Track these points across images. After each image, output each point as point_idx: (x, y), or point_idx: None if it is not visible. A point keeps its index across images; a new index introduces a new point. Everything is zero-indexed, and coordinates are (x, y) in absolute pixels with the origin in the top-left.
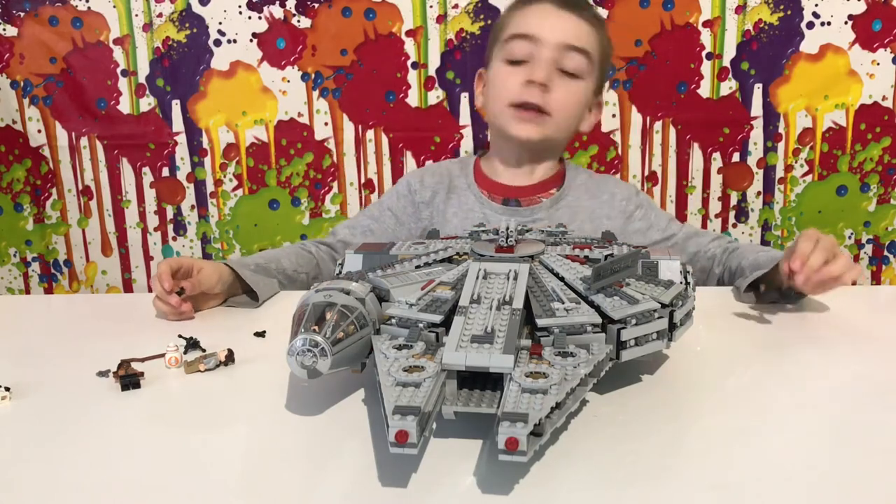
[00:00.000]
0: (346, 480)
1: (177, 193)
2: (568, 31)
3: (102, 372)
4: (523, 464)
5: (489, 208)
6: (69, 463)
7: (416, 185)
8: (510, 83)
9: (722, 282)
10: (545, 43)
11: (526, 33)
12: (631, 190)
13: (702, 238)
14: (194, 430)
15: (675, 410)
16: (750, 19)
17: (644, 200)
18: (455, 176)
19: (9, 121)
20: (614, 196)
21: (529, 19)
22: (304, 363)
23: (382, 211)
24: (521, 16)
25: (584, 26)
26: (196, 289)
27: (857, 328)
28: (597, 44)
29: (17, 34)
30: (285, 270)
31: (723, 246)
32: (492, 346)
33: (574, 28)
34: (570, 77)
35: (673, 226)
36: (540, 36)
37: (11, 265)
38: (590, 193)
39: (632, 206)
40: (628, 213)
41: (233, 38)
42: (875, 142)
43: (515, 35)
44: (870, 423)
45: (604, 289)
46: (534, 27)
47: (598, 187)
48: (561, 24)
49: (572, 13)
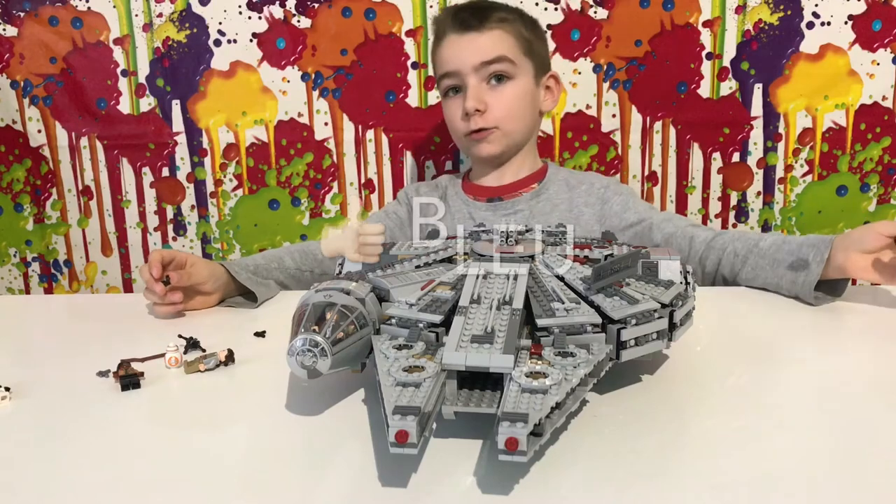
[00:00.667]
0: (346, 480)
1: (177, 193)
2: (476, 51)
3: (102, 372)
4: (523, 464)
5: (474, 207)
6: (69, 463)
7: (412, 194)
8: (454, 118)
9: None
10: (463, 72)
11: (447, 71)
12: (611, 181)
13: (680, 221)
14: (194, 430)
15: (675, 410)
16: (750, 19)
17: (625, 190)
18: (445, 186)
19: (9, 121)
20: (592, 185)
21: (444, 57)
22: (304, 363)
23: (388, 214)
24: (439, 55)
25: (488, 37)
26: (184, 281)
27: (858, 328)
28: (512, 41)
29: (17, 34)
30: (288, 269)
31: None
32: (492, 346)
33: (480, 45)
34: (502, 82)
35: (654, 210)
36: (456, 69)
37: (11, 265)
38: (569, 186)
39: (609, 192)
40: (606, 198)
41: (233, 38)
42: (875, 142)
43: (441, 75)
44: (870, 423)
45: (604, 289)
46: (449, 63)
47: (578, 180)
48: (467, 49)
49: (472, 31)
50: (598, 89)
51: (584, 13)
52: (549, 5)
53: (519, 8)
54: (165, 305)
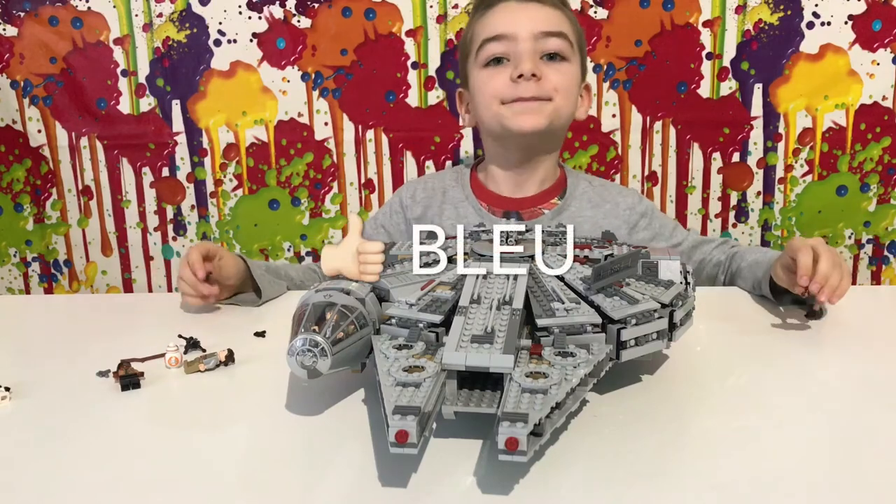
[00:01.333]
0: (346, 480)
1: (177, 193)
2: (538, 20)
3: (102, 372)
4: (523, 464)
5: (487, 220)
6: (69, 463)
7: (407, 200)
8: (497, 83)
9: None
10: (520, 37)
11: (498, 34)
12: (634, 197)
13: (706, 246)
14: (194, 430)
15: (675, 410)
16: (750, 19)
17: (647, 208)
18: (450, 187)
19: (9, 121)
20: (618, 206)
21: (496, 20)
22: (304, 363)
23: (376, 228)
24: (488, 20)
25: (551, 11)
26: (216, 275)
27: (857, 328)
28: (570, 25)
29: (17, 34)
30: (293, 279)
31: (725, 251)
32: (492, 346)
33: (543, 15)
34: (556, 61)
35: (678, 234)
36: (512, 32)
37: (11, 265)
38: (592, 203)
39: (636, 215)
40: (632, 222)
41: (233, 38)
42: (875, 142)
43: (487, 39)
44: (870, 423)
45: (604, 289)
46: (503, 26)
47: (601, 196)
48: (529, 15)
49: (536, 2)
50: (598, 89)
51: (584, 13)
52: None
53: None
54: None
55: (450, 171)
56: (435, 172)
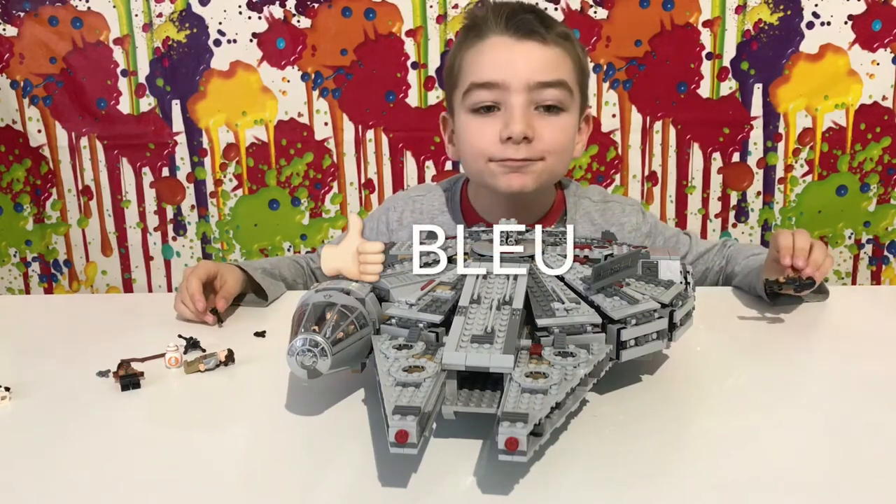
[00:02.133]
0: (346, 480)
1: (177, 193)
2: (535, 66)
3: (102, 372)
4: (523, 464)
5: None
6: (69, 463)
7: (394, 224)
8: (485, 139)
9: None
10: (513, 87)
11: (487, 81)
12: (637, 216)
13: (707, 255)
14: (194, 430)
15: (675, 410)
16: (750, 19)
17: (651, 226)
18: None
19: (9, 121)
20: (623, 227)
21: (486, 61)
22: (304, 363)
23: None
24: (476, 56)
25: (551, 52)
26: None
27: (857, 328)
28: (571, 66)
29: (17, 34)
30: (286, 279)
31: (723, 254)
32: (492, 346)
33: (541, 58)
34: (552, 113)
35: (681, 246)
36: (504, 81)
37: (11, 265)
38: (593, 224)
39: (641, 236)
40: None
41: (233, 38)
42: (875, 142)
43: (475, 84)
44: (870, 423)
45: (604, 289)
46: (493, 71)
47: (605, 218)
48: (526, 58)
49: (534, 40)
50: (598, 89)
51: (584, 13)
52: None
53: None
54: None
55: (439, 190)
56: (426, 186)
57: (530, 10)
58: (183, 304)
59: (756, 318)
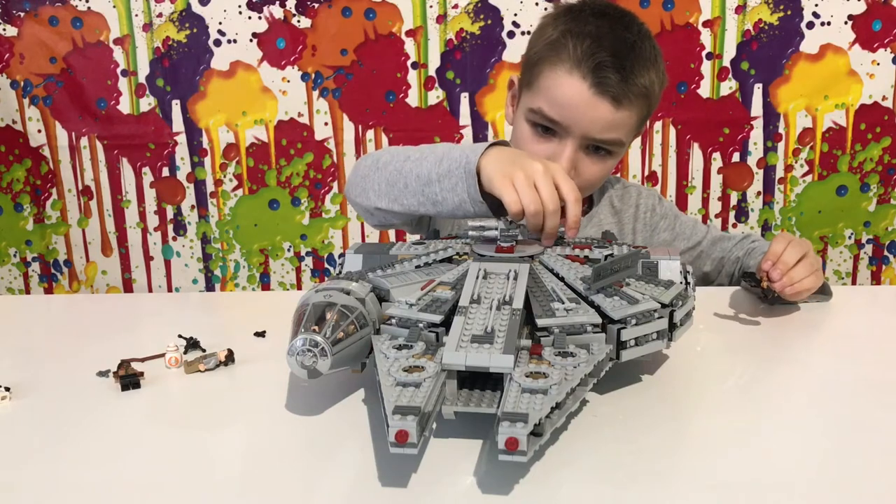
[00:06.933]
0: (346, 480)
1: (177, 193)
2: (598, 126)
3: (102, 372)
4: (523, 464)
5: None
6: (69, 463)
7: None
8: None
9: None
10: (571, 131)
11: (552, 118)
12: (654, 199)
13: (726, 242)
14: (194, 430)
15: (675, 410)
16: (750, 19)
17: (667, 209)
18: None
19: (9, 121)
20: (638, 208)
21: (558, 98)
22: (304, 363)
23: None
24: (554, 84)
25: (620, 115)
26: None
27: (857, 328)
28: (635, 121)
29: (17, 34)
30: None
31: (745, 247)
32: (492, 346)
33: (606, 121)
34: (599, 155)
35: (698, 231)
36: (567, 123)
37: (11, 265)
38: (615, 209)
39: (656, 217)
40: (653, 224)
41: (233, 38)
42: (875, 142)
43: (543, 111)
44: (870, 423)
45: (604, 289)
46: (561, 112)
47: (622, 201)
48: (590, 118)
49: (607, 98)
50: None
51: None
52: (548, 5)
53: (661, 62)
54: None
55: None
56: None
57: (619, 67)
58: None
59: (756, 318)
